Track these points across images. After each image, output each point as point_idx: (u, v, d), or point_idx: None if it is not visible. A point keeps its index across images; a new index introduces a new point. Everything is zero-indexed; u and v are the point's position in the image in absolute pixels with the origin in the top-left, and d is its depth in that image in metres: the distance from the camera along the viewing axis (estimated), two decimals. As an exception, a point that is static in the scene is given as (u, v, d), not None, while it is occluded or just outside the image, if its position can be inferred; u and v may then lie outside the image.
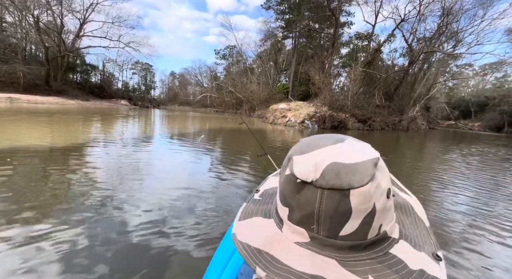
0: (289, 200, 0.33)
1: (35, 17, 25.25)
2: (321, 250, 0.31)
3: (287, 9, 29.72)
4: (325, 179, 0.29)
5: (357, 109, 18.23)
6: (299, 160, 0.32)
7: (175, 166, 4.35)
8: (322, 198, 0.29)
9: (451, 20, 20.99)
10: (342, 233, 0.30)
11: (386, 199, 0.31)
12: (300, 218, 0.32)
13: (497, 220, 2.71)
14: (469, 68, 38.68)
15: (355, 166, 0.29)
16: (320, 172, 0.30)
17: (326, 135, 0.37)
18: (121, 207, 2.34)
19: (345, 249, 0.30)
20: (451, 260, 1.89)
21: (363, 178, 0.29)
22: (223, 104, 32.44)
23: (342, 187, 0.28)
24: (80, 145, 5.04)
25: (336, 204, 0.29)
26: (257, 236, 0.35)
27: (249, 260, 0.32)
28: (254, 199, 0.46)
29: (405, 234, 0.34)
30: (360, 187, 0.28)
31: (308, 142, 0.35)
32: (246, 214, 0.41)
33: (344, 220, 0.29)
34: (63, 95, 25.98)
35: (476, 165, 6.44)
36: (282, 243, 0.33)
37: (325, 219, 0.30)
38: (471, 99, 41.35)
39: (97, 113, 15.07)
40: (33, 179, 2.92)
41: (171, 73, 64.05)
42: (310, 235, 0.31)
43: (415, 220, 0.38)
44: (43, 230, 1.85)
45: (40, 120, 8.92)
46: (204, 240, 1.88)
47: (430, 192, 3.73)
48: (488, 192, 3.85)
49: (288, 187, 0.33)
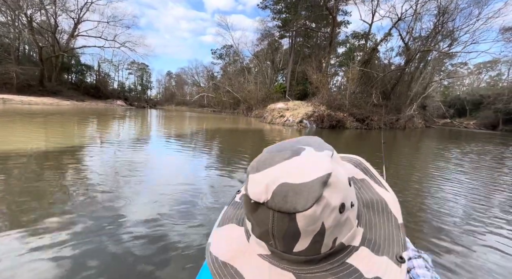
0: (249, 216, 0.34)
1: (28, 16, 24.84)
2: (279, 263, 0.32)
3: (283, 9, 29.69)
4: (274, 201, 0.30)
5: (355, 108, 18.24)
6: (254, 179, 0.33)
7: (174, 165, 4.26)
8: (274, 219, 0.30)
9: (446, 19, 21.13)
10: (295, 250, 0.31)
11: (339, 215, 0.31)
12: (259, 234, 0.33)
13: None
14: (464, 67, 39.18)
15: (302, 187, 0.30)
16: (271, 193, 0.30)
17: (288, 144, 0.37)
18: (118, 207, 2.32)
19: (301, 263, 0.32)
20: (452, 261, 1.87)
21: (307, 202, 0.29)
22: (220, 104, 32.28)
23: (288, 211, 0.29)
24: (75, 147, 4.91)
25: (286, 226, 0.30)
26: (226, 248, 0.37)
27: (214, 274, 0.34)
28: (235, 201, 0.46)
29: (369, 238, 0.35)
30: (304, 211, 0.29)
31: (266, 157, 0.35)
32: (224, 220, 0.43)
33: (295, 240, 0.30)
34: (57, 96, 25.60)
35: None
36: (246, 256, 0.35)
37: (279, 237, 0.31)
38: (466, 98, 41.79)
39: (93, 114, 14.85)
40: (26, 181, 2.82)
41: (168, 73, 63.82)
42: (270, 249, 0.33)
43: (386, 218, 0.38)
44: (41, 230, 1.83)
45: (34, 121, 8.73)
46: (202, 239, 1.88)
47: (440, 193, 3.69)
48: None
49: (246, 206, 0.34)
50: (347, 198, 0.33)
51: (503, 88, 36.90)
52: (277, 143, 0.39)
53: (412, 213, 2.76)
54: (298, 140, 0.38)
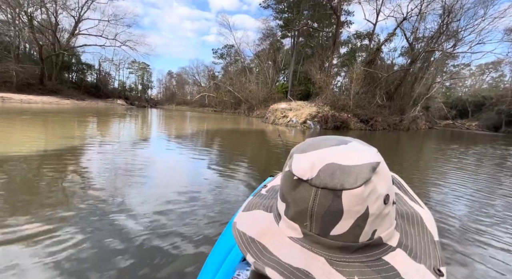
0: (286, 195, 0.33)
1: (28, 14, 24.60)
2: (311, 247, 0.31)
3: (286, 8, 29.47)
4: (320, 178, 0.30)
5: (359, 109, 18.01)
6: (299, 158, 0.33)
7: (175, 165, 4.11)
8: (315, 197, 0.30)
9: (451, 19, 20.91)
10: (333, 233, 0.30)
11: (382, 205, 0.31)
12: (294, 214, 0.32)
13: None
14: (466, 68, 38.94)
15: (351, 168, 0.30)
16: (316, 171, 0.30)
17: (332, 136, 0.37)
18: (118, 207, 2.31)
19: (335, 249, 0.31)
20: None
21: (356, 180, 0.29)
22: (221, 104, 32.06)
23: (335, 187, 0.29)
24: (75, 146, 4.69)
25: (329, 203, 0.29)
26: (254, 227, 0.37)
27: (241, 247, 0.34)
28: (260, 193, 0.48)
29: (405, 244, 0.34)
30: (352, 188, 0.29)
31: (311, 142, 0.36)
32: (249, 206, 0.43)
33: (336, 220, 0.30)
34: (57, 95, 25.41)
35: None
36: (276, 236, 0.34)
37: (317, 217, 0.30)
38: (468, 99, 41.55)
39: (93, 113, 14.62)
40: (26, 182, 2.72)
41: (169, 73, 63.47)
42: (303, 232, 0.32)
43: (421, 231, 0.37)
44: (37, 233, 1.81)
45: (31, 120, 8.51)
46: (202, 240, 1.88)
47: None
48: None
49: (285, 183, 0.34)
50: (391, 192, 0.33)
51: (505, 89, 36.63)
52: (318, 137, 0.38)
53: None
54: (336, 136, 0.38)
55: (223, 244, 0.77)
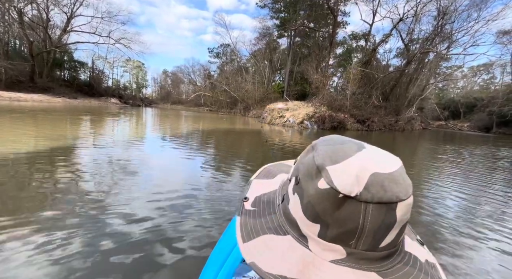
0: (323, 216, 0.29)
1: (18, 10, 23.88)
2: (359, 265, 0.29)
3: (282, 8, 29.41)
4: (371, 192, 0.27)
5: (355, 109, 18.05)
6: (336, 171, 0.29)
7: (171, 165, 4.00)
8: (366, 213, 0.27)
9: (446, 21, 21.16)
10: (382, 244, 0.29)
11: None
12: (338, 235, 0.29)
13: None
14: (458, 69, 39.57)
15: (395, 176, 0.28)
16: (363, 184, 0.27)
17: (338, 137, 0.36)
18: (115, 208, 2.24)
19: (380, 260, 0.30)
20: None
21: (407, 190, 0.28)
22: (217, 103, 31.79)
23: (391, 200, 0.27)
24: (68, 146, 4.47)
25: (382, 217, 0.27)
26: (285, 263, 0.30)
27: None
28: (247, 210, 0.40)
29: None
30: (407, 199, 0.28)
31: (333, 149, 0.32)
32: (250, 232, 0.35)
33: (387, 232, 0.28)
34: (49, 93, 24.69)
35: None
36: (317, 265, 0.30)
37: (369, 233, 0.28)
38: (460, 100, 42.23)
39: (86, 112, 14.24)
40: (15, 182, 2.58)
41: (164, 71, 62.67)
42: (348, 251, 0.29)
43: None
44: (35, 235, 1.75)
45: (21, 118, 8.18)
46: (202, 240, 1.86)
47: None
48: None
49: (325, 203, 0.29)
50: None
51: (496, 91, 37.36)
52: (322, 138, 0.36)
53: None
54: (345, 138, 0.36)
55: (223, 244, 0.76)
